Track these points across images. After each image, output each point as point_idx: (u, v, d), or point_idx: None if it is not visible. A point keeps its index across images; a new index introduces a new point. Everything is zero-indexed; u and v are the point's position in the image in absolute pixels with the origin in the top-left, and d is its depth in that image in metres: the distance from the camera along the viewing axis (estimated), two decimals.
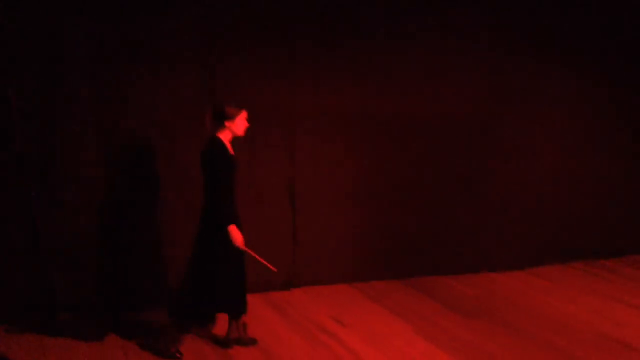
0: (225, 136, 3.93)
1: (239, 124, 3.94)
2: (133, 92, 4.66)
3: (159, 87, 4.72)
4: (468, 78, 5.74)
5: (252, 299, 4.94)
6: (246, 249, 3.95)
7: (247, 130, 4.02)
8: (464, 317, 4.83)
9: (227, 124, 3.89)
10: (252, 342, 4.20)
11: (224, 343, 4.16)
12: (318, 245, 5.43)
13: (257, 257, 4.02)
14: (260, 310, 4.80)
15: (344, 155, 5.45)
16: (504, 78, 5.88)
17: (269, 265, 4.04)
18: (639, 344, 4.40)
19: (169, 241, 4.82)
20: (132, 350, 4.06)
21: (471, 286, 5.60)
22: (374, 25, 5.37)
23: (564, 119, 6.22)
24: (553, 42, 6.05)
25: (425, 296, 5.28)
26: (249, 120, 4.00)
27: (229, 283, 3.96)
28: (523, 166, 6.09)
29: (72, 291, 4.58)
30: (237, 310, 4.10)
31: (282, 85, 5.10)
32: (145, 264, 4.87)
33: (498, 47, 5.82)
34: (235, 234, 3.85)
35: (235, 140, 4.01)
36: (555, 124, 6.18)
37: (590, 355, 4.19)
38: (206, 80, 4.86)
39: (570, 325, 4.73)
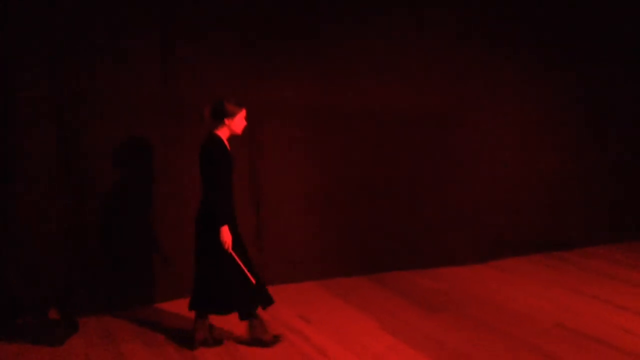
0: (223, 133, 3.92)
1: (238, 122, 3.93)
2: (92, 88, 4.59)
3: (118, 82, 4.65)
4: (429, 74, 5.82)
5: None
6: (232, 252, 3.93)
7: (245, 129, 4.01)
8: (429, 311, 4.91)
9: (226, 121, 3.88)
10: (218, 343, 4.18)
11: (217, 342, 4.15)
12: (283, 243, 5.44)
13: (240, 262, 3.97)
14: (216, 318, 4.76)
15: (308, 152, 5.46)
16: (462, 74, 5.99)
17: (249, 275, 4.00)
18: (594, 333, 4.55)
19: (130, 241, 4.77)
20: (95, 353, 4.00)
21: (435, 280, 5.69)
22: (336, 18, 5.38)
23: (518, 115, 6.37)
24: (509, 38, 6.20)
25: (390, 291, 5.34)
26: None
27: (227, 281, 3.95)
28: (481, 161, 6.21)
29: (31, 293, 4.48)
30: (244, 309, 4.04)
31: (242, 80, 5.05)
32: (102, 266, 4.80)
33: (458, 43, 5.93)
34: (226, 236, 3.84)
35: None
36: (510, 119, 6.33)
37: (549, 345, 4.31)
38: (165, 74, 4.80)
39: (530, 316, 4.86)
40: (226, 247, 3.88)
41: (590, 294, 5.42)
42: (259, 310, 4.14)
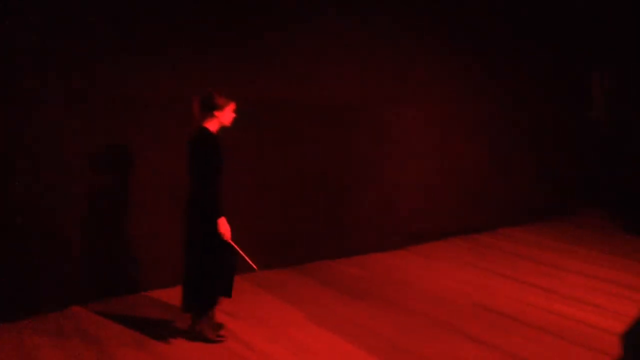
0: (212, 126, 3.92)
1: (228, 115, 3.95)
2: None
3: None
4: (349, 69, 5.89)
5: (142, 299, 4.85)
6: (233, 243, 3.98)
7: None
8: (354, 298, 5.01)
9: (216, 114, 3.89)
10: (219, 327, 4.23)
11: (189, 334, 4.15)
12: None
13: (241, 252, 4.04)
14: (150, 311, 4.66)
15: (236, 144, 5.38)
16: (382, 70, 6.11)
17: (250, 262, 4.06)
18: (510, 311, 4.82)
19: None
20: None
21: (359, 268, 5.81)
22: (265, 9, 5.34)
23: (435, 107, 6.59)
24: (430, 30, 6.39)
25: (315, 282, 5.41)
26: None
27: (214, 274, 3.98)
28: (403, 150, 6.39)
29: None
30: (207, 304, 4.08)
31: (164, 73, 4.89)
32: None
33: (386, 36, 6.05)
34: (224, 227, 3.88)
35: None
36: (428, 112, 6.53)
37: (468, 324, 4.53)
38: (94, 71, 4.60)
39: (450, 298, 5.07)
40: (226, 237, 3.91)
41: (503, 274, 5.72)
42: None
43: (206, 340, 4.10)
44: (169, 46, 4.87)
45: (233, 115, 3.99)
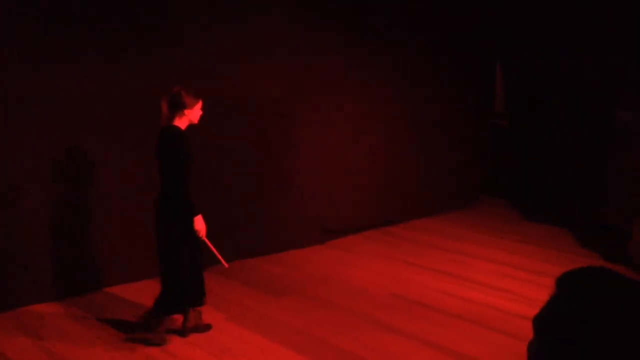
0: (182, 124, 3.94)
1: (196, 112, 3.99)
2: None
3: None
4: (266, 64, 5.85)
5: (54, 309, 4.62)
6: (207, 240, 4.03)
7: None
8: (274, 296, 4.99)
9: (185, 112, 3.92)
10: (207, 328, 4.26)
11: (182, 332, 4.16)
12: (119, 244, 5.13)
13: (214, 249, 4.10)
14: (60, 322, 4.42)
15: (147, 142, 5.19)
16: (297, 66, 6.10)
17: (222, 259, 4.16)
18: (426, 300, 4.99)
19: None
20: None
21: (278, 265, 5.80)
22: (186, 11, 5.20)
23: (351, 102, 6.68)
24: (343, 27, 6.45)
25: (233, 281, 5.33)
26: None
27: (184, 273, 4.00)
28: (318, 146, 6.43)
29: None
30: (195, 300, 4.14)
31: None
32: None
33: (299, 32, 6.04)
34: (200, 225, 3.94)
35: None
36: (345, 106, 6.62)
37: (386, 315, 4.64)
38: None
39: (369, 290, 5.17)
40: (201, 235, 3.96)
41: (418, 264, 5.92)
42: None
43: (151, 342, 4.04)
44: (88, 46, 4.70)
45: (200, 112, 4.02)
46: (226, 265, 4.21)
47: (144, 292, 4.73)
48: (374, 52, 6.79)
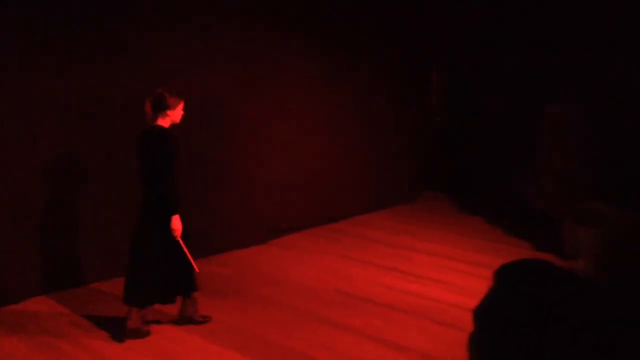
0: (165, 124, 4.07)
1: (178, 113, 4.12)
2: None
3: None
4: (213, 62, 5.77)
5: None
6: (181, 240, 4.09)
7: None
8: (217, 297, 4.93)
9: (169, 112, 4.05)
10: (205, 320, 4.38)
11: (178, 320, 4.34)
12: (49, 249, 4.94)
13: (186, 251, 4.15)
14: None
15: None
16: (247, 64, 6.06)
17: (193, 263, 4.21)
18: (368, 294, 5.05)
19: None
20: None
21: (222, 266, 5.72)
22: (129, 13, 5.07)
23: (292, 100, 6.68)
24: (299, 26, 6.47)
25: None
26: None
27: (179, 265, 4.12)
28: (259, 145, 6.39)
29: None
30: (189, 289, 4.30)
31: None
32: None
33: (243, 30, 5.99)
34: (177, 224, 4.03)
35: None
36: (286, 104, 6.60)
37: (330, 311, 4.68)
38: None
39: (313, 287, 5.19)
40: (176, 234, 4.04)
41: (361, 259, 5.98)
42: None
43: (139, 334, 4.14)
44: None
45: (182, 112, 4.15)
46: (197, 269, 4.25)
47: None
48: (317, 51, 6.82)
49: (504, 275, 1.49)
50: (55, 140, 4.87)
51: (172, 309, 4.56)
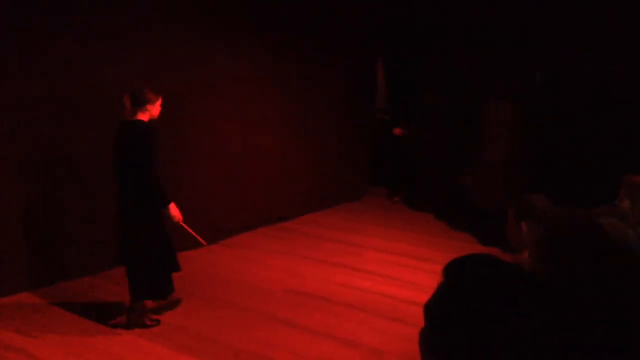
0: (144, 119, 4.19)
1: (157, 108, 4.26)
2: None
3: None
4: (165, 59, 5.65)
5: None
6: (183, 224, 4.38)
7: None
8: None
9: (148, 107, 4.18)
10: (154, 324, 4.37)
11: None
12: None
13: (190, 231, 4.50)
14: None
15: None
16: (184, 64, 5.94)
17: (200, 239, 4.65)
18: (319, 292, 5.07)
19: None
20: None
21: None
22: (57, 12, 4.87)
23: (240, 100, 6.61)
24: (244, 26, 6.40)
25: (124, 287, 5.08)
26: None
27: (153, 263, 4.25)
28: (210, 144, 6.29)
29: None
30: (162, 292, 4.42)
31: None
32: None
33: (194, 30, 5.89)
34: (175, 211, 4.26)
35: None
36: (234, 104, 6.53)
37: (282, 310, 4.67)
38: None
39: (264, 287, 5.16)
40: (179, 220, 4.29)
41: (311, 257, 6.00)
42: None
43: (144, 326, 4.29)
44: None
45: (159, 108, 4.29)
46: (205, 243, 4.79)
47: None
48: (262, 50, 6.77)
49: (454, 271, 1.52)
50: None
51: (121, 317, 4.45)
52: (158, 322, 4.39)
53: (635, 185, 3.33)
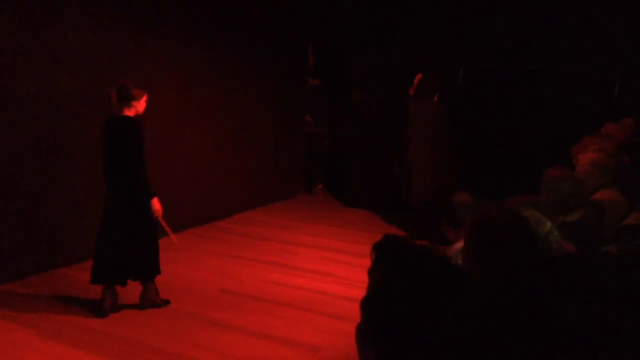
0: (130, 114, 4.31)
1: (142, 104, 4.39)
2: None
3: None
4: (93, 52, 5.39)
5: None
6: (162, 220, 4.49)
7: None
8: (94, 303, 4.62)
9: (134, 103, 4.30)
10: (165, 303, 4.64)
11: (141, 305, 4.57)
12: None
13: (167, 229, 4.62)
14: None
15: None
16: (125, 54, 5.71)
17: (174, 238, 4.78)
18: (254, 292, 4.99)
19: None
20: None
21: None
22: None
23: (167, 95, 6.41)
24: (175, 16, 6.22)
25: (44, 293, 4.82)
26: None
27: (146, 250, 4.45)
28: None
29: None
30: (153, 273, 4.57)
31: None
32: None
33: (122, 22, 5.64)
34: (157, 205, 4.39)
35: None
36: (170, 99, 6.33)
37: (215, 312, 4.56)
38: None
39: (196, 288, 5.03)
40: (158, 214, 4.42)
41: (245, 256, 5.91)
42: None
43: (157, 305, 4.59)
44: None
45: (145, 104, 4.41)
46: (178, 244, 4.86)
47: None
48: (195, 48, 6.60)
49: (382, 256, 1.54)
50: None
51: (40, 325, 4.21)
52: (168, 301, 4.65)
53: (551, 179, 3.46)
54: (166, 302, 4.67)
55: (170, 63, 6.36)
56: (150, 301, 4.60)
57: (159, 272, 4.61)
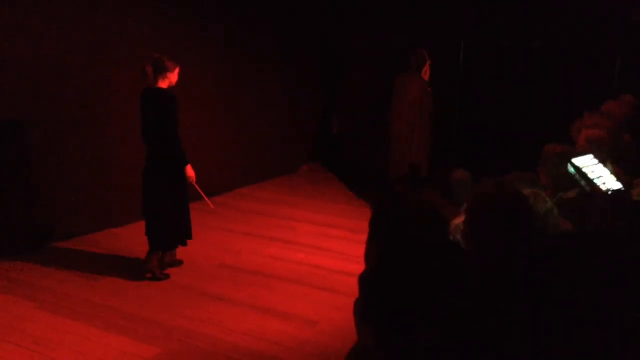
0: (164, 86, 4.47)
1: (175, 76, 4.54)
2: None
3: None
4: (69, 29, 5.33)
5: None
6: (196, 185, 4.76)
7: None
8: (91, 279, 4.66)
9: (168, 75, 4.47)
10: (165, 277, 4.71)
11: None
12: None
13: (202, 193, 5.05)
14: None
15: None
16: (103, 37, 5.64)
17: (208, 201, 5.22)
18: (254, 267, 5.03)
19: None
20: None
21: (93, 246, 5.40)
22: None
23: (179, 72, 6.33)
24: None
25: (43, 266, 4.85)
26: None
27: (174, 217, 4.66)
28: (128, 122, 6.03)
29: None
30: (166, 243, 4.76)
31: None
32: None
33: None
34: (191, 172, 4.63)
35: None
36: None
37: (215, 286, 4.60)
38: None
39: (196, 263, 5.06)
40: (193, 180, 4.66)
41: (244, 231, 5.93)
42: None
43: (156, 277, 4.65)
44: None
45: (177, 77, 4.56)
46: (212, 206, 5.33)
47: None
48: (198, 20, 6.53)
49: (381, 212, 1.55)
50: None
51: (39, 297, 4.25)
52: (168, 276, 4.70)
53: (550, 155, 3.43)
54: (166, 276, 4.69)
55: (185, 40, 6.33)
56: (169, 262, 4.78)
57: (190, 237, 4.86)
